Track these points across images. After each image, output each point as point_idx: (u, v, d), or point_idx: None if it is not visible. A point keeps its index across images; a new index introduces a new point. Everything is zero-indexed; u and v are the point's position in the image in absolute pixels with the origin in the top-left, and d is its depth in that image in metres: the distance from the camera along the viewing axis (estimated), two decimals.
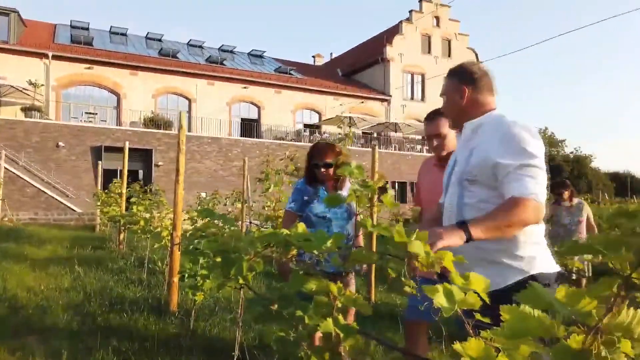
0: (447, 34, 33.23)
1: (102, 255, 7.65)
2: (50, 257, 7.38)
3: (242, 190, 9.66)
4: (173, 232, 4.82)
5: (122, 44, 28.60)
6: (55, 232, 11.03)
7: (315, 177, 3.25)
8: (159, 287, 5.60)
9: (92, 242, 9.35)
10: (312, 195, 3.28)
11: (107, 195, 9.66)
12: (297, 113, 30.08)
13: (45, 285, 5.55)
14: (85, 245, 8.71)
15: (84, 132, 21.03)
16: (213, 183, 23.15)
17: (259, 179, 8.63)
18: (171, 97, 26.83)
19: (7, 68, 22.52)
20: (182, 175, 4.86)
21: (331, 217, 3.22)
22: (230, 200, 10.42)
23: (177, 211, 4.82)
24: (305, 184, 3.29)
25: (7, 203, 17.55)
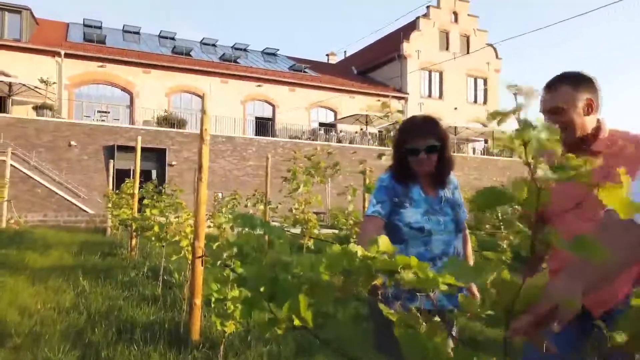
0: (465, 29, 32.04)
1: (112, 264, 6.73)
2: (53, 266, 6.48)
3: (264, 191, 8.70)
4: (195, 242, 3.87)
5: (135, 42, 27.87)
6: (64, 235, 10.17)
7: (408, 169, 2.27)
8: (177, 306, 4.64)
9: (102, 247, 8.46)
10: (402, 197, 2.29)
11: (118, 196, 8.76)
12: (312, 111, 29.11)
13: (43, 303, 4.63)
14: (94, 251, 7.81)
15: (96, 131, 20.26)
16: (227, 183, 22.26)
17: (284, 179, 7.68)
18: (185, 96, 26.01)
19: (19, 66, 21.84)
20: (206, 172, 3.91)
21: (432, 229, 2.23)
22: (252, 201, 9.48)
23: (200, 216, 3.87)
24: (392, 180, 2.29)
25: (17, 204, 16.79)
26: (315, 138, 26.06)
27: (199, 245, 3.86)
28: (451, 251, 2.26)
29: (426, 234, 2.23)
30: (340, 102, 29.48)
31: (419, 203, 2.32)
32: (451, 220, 2.34)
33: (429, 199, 2.35)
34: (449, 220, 2.34)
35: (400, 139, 2.34)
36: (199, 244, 3.86)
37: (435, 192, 2.38)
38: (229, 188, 22.05)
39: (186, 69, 25.61)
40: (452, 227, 2.27)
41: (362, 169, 5.65)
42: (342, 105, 29.40)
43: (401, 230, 2.24)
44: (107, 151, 20.11)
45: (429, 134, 2.22)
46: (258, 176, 23.27)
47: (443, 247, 2.29)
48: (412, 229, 2.23)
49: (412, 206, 2.30)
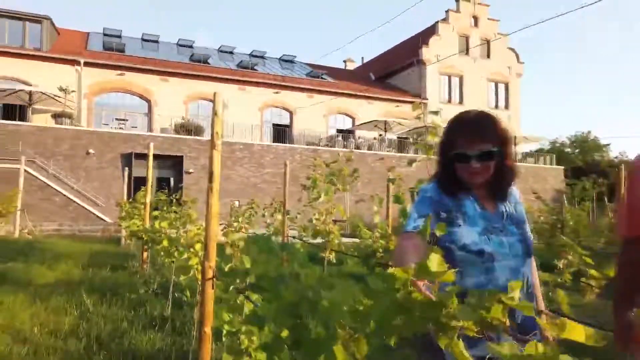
0: (485, 34, 31.24)
1: (121, 279, 6.27)
2: (59, 282, 6.04)
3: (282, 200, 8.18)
4: (205, 262, 3.36)
5: (153, 50, 27.82)
6: (76, 245, 9.80)
7: (457, 178, 1.75)
8: (187, 329, 4.13)
9: (114, 259, 8.03)
10: (452, 212, 1.76)
11: (132, 205, 8.33)
12: (330, 118, 28.62)
13: (41, 326, 4.16)
14: (105, 264, 7.38)
15: (114, 139, 20.08)
16: (245, 191, 21.87)
17: (304, 187, 7.15)
18: (202, 103, 25.78)
19: (39, 75, 21.88)
20: (217, 181, 3.41)
21: (494, 252, 1.69)
22: (269, 210, 8.96)
23: (210, 232, 3.35)
24: (439, 191, 1.78)
25: (35, 212, 16.61)
26: (333, 144, 25.55)
27: (209, 265, 3.34)
28: (522, 278, 1.71)
29: (487, 258, 1.69)
30: (358, 108, 28.95)
31: (474, 219, 1.77)
32: (518, 241, 1.78)
33: (487, 214, 1.80)
34: (515, 241, 1.78)
35: (448, 141, 1.80)
36: (209, 263, 3.34)
37: (493, 206, 1.83)
38: (246, 196, 21.64)
39: (204, 77, 25.41)
40: (520, 250, 1.72)
41: (391, 176, 5.09)
42: (360, 111, 28.86)
43: (452, 253, 1.70)
44: (125, 159, 19.90)
45: (485, 136, 1.69)
46: (275, 184, 22.82)
47: (509, 276, 1.73)
48: (468, 253, 1.69)
49: (466, 223, 1.75)
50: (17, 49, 22.06)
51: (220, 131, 3.49)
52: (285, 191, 8.10)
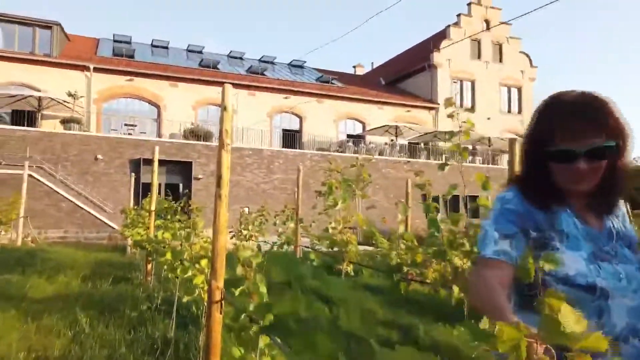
0: (497, 37, 30.64)
1: (123, 293, 5.78)
2: (56, 296, 5.57)
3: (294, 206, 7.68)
4: (212, 282, 2.85)
5: (163, 56, 27.58)
6: (80, 254, 9.34)
7: (552, 184, 1.28)
8: (192, 356, 3.62)
9: (117, 269, 7.55)
10: (546, 230, 1.26)
11: (137, 212, 7.87)
12: (340, 123, 28.13)
13: (29, 350, 3.67)
14: (107, 275, 6.90)
15: (122, 145, 19.73)
16: (254, 197, 21.42)
17: (319, 193, 6.64)
18: (211, 109, 25.43)
19: (49, 81, 21.67)
20: (226, 187, 2.90)
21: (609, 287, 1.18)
22: (281, 218, 8.46)
23: (218, 247, 2.85)
24: (524, 201, 1.29)
25: (42, 219, 16.25)
26: (343, 150, 25.04)
27: (216, 285, 2.83)
28: None
29: (599, 295, 1.18)
30: (369, 113, 28.43)
31: (577, 241, 1.26)
32: (638, 270, 1.26)
33: (593, 232, 1.29)
34: (635, 270, 1.25)
35: (541, 132, 1.30)
36: (217, 284, 2.83)
37: (598, 222, 1.31)
38: (255, 202, 21.17)
39: (213, 82, 25.05)
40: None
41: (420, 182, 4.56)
42: (370, 116, 28.35)
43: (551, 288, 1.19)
44: (133, 165, 19.55)
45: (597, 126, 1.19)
46: (285, 190, 22.33)
47: (630, 319, 1.20)
48: (573, 288, 1.19)
49: (566, 246, 1.24)
50: (27, 54, 21.89)
51: (230, 129, 2.99)
52: (299, 198, 7.60)
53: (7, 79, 21.33)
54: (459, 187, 4.36)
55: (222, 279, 2.87)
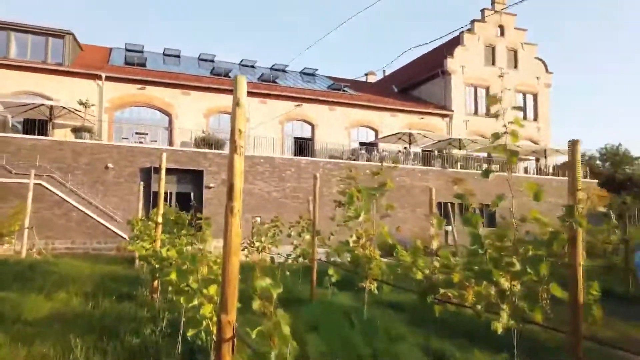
0: (512, 43, 29.99)
1: (126, 312, 5.27)
2: (53, 316, 5.06)
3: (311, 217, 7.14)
4: (221, 315, 2.32)
5: (174, 65, 27.38)
6: (86, 266, 8.88)
7: None
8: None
9: (123, 284, 7.05)
10: None
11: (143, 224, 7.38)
12: (352, 131, 27.60)
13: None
14: (112, 291, 6.40)
15: (133, 153, 19.40)
16: (266, 206, 20.92)
17: (338, 203, 6.09)
18: (223, 117, 25.09)
19: (61, 90, 21.50)
20: (239, 198, 2.37)
21: None
22: (296, 229, 7.90)
23: (229, 274, 2.31)
24: None
25: (52, 228, 15.90)
26: (356, 158, 24.49)
27: (227, 320, 2.30)
28: None
29: None
30: (381, 120, 27.89)
31: None
32: None
33: None
34: None
35: None
36: (227, 318, 2.30)
37: None
38: (267, 211, 20.65)
39: (225, 90, 24.74)
40: None
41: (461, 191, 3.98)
42: (383, 124, 27.80)
43: None
44: (144, 173, 19.19)
45: None
46: (297, 198, 21.81)
47: None
48: None
49: None
50: (39, 63, 21.76)
51: (244, 129, 2.47)
52: (315, 208, 7.06)
53: (20, 88, 21.20)
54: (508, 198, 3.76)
55: (233, 312, 2.33)
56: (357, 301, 7.12)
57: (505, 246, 3.80)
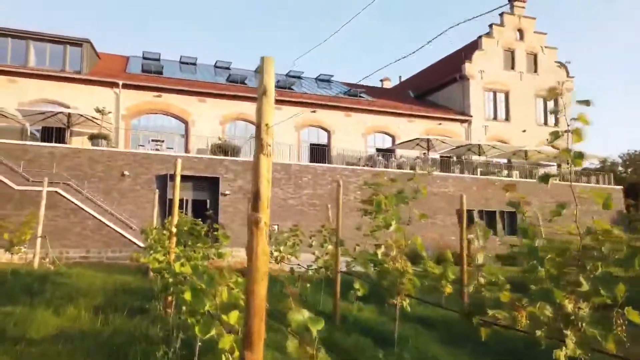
0: (532, 47, 29.25)
1: (137, 331, 4.84)
2: (61, 334, 4.67)
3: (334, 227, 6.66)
4: (245, 353, 1.86)
5: (191, 72, 27.28)
6: (99, 277, 8.52)
7: None
8: None
9: (135, 297, 6.66)
10: None
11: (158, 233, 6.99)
12: (369, 137, 27.10)
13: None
14: (123, 305, 6.00)
15: (149, 160, 19.19)
16: (282, 214, 20.50)
17: (365, 211, 5.62)
18: (239, 124, 24.85)
19: (79, 98, 21.47)
20: (266, 211, 1.92)
21: None
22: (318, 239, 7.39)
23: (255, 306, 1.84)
24: None
25: (67, 236, 15.69)
26: (373, 164, 23.96)
27: (252, 358, 1.85)
28: None
29: None
30: (398, 126, 27.34)
31: None
32: None
33: None
34: None
35: None
36: (253, 356, 1.85)
37: None
38: (283, 218, 20.23)
39: (241, 97, 24.51)
40: None
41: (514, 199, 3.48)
42: (400, 129, 27.24)
43: None
44: (160, 181, 18.96)
45: None
46: (314, 206, 21.36)
47: None
48: None
49: None
50: (57, 72, 21.78)
51: (272, 122, 2.03)
52: (338, 216, 6.58)
53: (38, 96, 21.22)
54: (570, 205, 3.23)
55: (260, 349, 1.87)
56: (384, 316, 6.61)
57: (566, 262, 3.28)
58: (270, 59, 2.04)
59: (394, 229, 4.84)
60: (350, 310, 6.34)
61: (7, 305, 5.64)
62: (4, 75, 20.77)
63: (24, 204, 15.27)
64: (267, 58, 2.04)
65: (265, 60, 2.03)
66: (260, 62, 2.04)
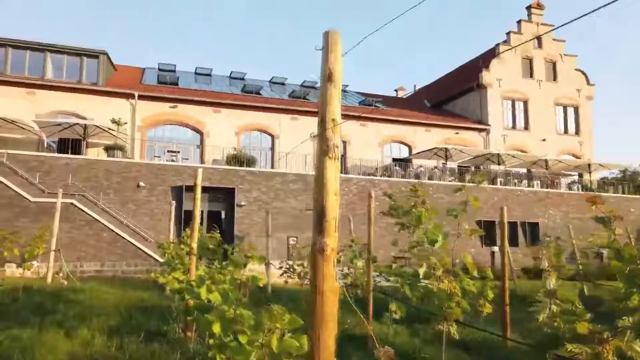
0: (551, 55, 28.58)
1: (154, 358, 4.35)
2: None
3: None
4: None
5: (206, 83, 27.12)
6: (113, 294, 8.07)
7: None
8: None
9: (152, 316, 6.18)
10: None
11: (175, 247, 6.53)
12: (385, 147, 26.56)
13: None
14: (139, 326, 5.52)
15: (164, 171, 18.87)
16: (299, 225, 19.98)
17: (401, 225, 5.10)
18: (254, 134, 24.52)
19: (95, 109, 21.34)
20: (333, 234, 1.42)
21: None
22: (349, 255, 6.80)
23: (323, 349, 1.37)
24: None
25: (82, 249, 15.37)
26: (390, 174, 23.39)
27: None
28: None
29: None
30: (415, 136, 26.77)
31: None
32: None
33: None
34: None
35: None
36: None
37: None
38: (301, 230, 19.72)
39: (256, 107, 24.23)
40: None
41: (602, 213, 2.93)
42: (416, 139, 26.67)
43: None
44: (176, 192, 18.61)
45: None
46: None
47: None
48: None
49: None
50: (74, 83, 21.71)
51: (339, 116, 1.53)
52: (370, 230, 6.05)
53: (55, 108, 21.15)
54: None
55: None
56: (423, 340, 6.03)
57: None
58: (336, 34, 1.56)
59: (441, 245, 4.30)
60: (385, 334, 5.77)
61: (15, 328, 5.19)
62: (22, 87, 20.75)
63: (39, 216, 14.99)
64: (332, 33, 1.56)
65: (330, 36, 1.55)
66: (323, 39, 1.56)
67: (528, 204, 23.30)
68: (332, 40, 1.55)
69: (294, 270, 7.63)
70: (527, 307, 5.96)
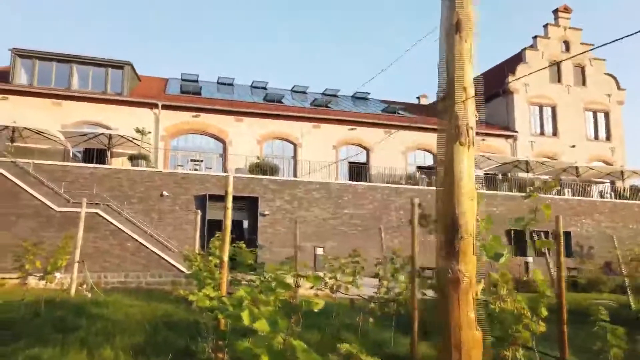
0: (579, 59, 27.63)
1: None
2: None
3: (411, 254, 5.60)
4: None
5: (228, 92, 27.01)
6: (138, 308, 7.69)
7: None
8: None
9: (179, 333, 5.75)
10: None
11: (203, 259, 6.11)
12: (409, 154, 25.94)
13: None
14: (166, 345, 5.09)
15: (188, 181, 18.66)
16: (322, 234, 19.51)
17: None
18: (276, 143, 24.23)
19: (119, 119, 21.35)
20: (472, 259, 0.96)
21: None
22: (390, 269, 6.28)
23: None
24: None
25: (105, 259, 15.17)
26: (415, 182, 22.75)
27: None
28: None
29: None
30: None
31: None
32: None
33: None
34: None
35: None
36: None
37: None
38: (324, 239, 19.22)
39: (278, 116, 23.96)
40: None
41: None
42: None
43: None
44: (199, 201, 18.37)
45: None
46: (355, 226, 20.27)
47: None
48: None
49: None
50: (99, 94, 21.81)
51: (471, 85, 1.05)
52: (414, 243, 5.52)
53: (81, 118, 21.25)
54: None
55: None
56: None
57: None
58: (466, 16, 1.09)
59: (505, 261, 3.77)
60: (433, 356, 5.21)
61: (36, 346, 4.82)
62: (49, 97, 20.90)
63: (65, 225, 14.86)
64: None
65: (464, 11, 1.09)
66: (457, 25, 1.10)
67: (559, 213, 22.31)
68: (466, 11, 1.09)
69: (326, 283, 7.14)
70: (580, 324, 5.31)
